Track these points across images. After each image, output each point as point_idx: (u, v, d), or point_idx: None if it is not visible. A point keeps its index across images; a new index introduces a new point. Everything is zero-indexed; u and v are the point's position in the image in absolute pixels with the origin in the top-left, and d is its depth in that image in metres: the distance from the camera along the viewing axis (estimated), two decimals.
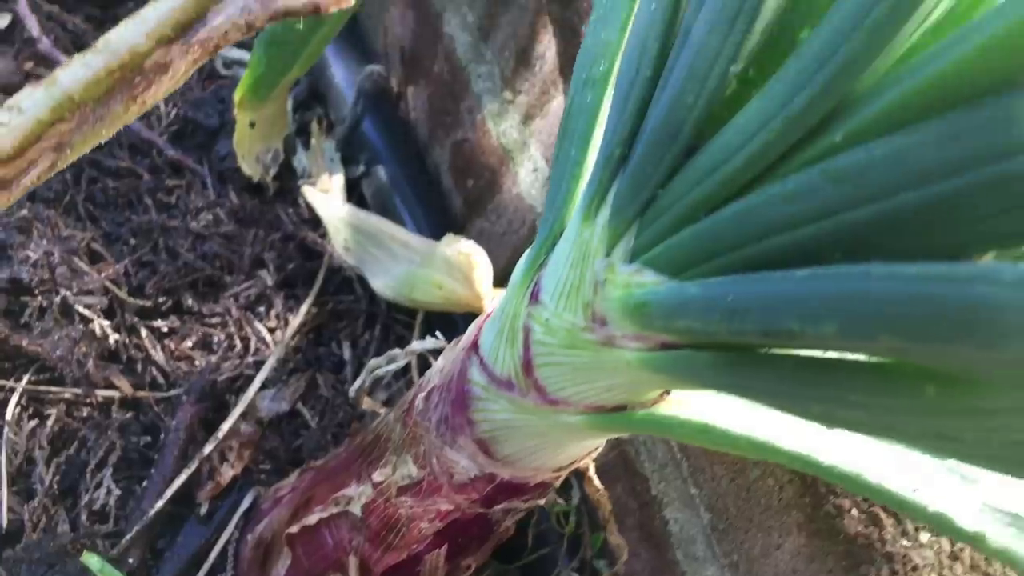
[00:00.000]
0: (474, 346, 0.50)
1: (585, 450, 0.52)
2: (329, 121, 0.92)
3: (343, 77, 0.91)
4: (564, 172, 0.46)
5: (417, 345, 0.59)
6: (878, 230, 0.33)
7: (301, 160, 0.88)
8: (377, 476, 0.57)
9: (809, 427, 0.41)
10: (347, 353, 0.80)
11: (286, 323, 0.79)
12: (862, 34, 0.31)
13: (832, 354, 0.35)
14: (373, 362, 0.63)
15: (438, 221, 0.85)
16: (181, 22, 0.47)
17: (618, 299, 0.41)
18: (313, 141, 0.88)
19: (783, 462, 0.42)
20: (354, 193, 0.88)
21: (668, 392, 0.47)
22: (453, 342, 0.56)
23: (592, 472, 0.58)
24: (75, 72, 0.46)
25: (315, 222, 0.85)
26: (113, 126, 0.48)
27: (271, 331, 0.78)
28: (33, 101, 0.46)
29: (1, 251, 0.70)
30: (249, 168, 0.83)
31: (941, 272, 0.29)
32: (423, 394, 0.54)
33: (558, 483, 0.56)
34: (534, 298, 0.45)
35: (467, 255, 0.65)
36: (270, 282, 0.80)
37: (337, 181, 0.86)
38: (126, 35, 0.46)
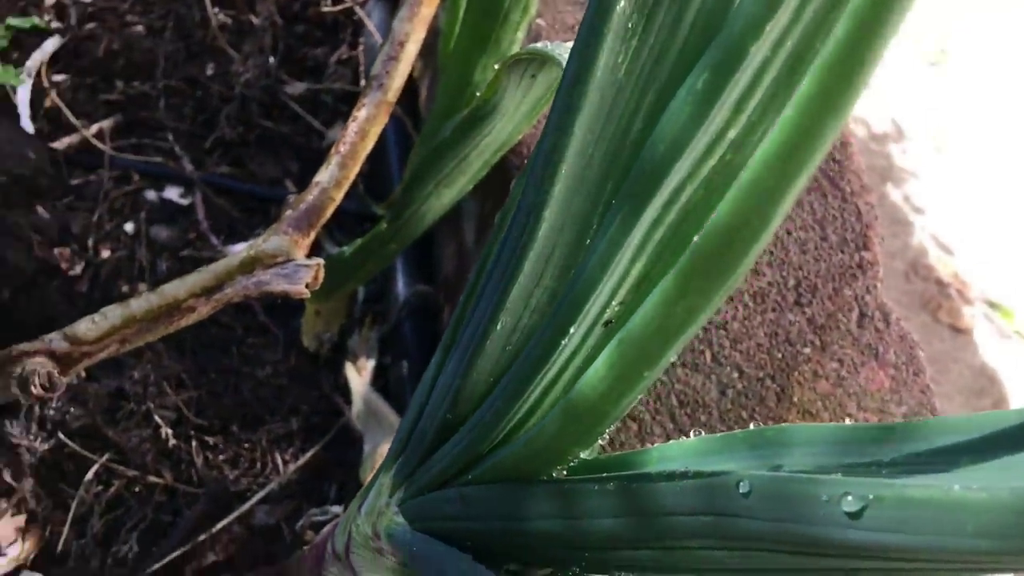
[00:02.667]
0: (336, 526, 0.72)
1: None
2: (384, 317, 1.18)
3: (402, 287, 1.18)
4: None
5: (334, 508, 0.82)
6: (492, 534, 0.53)
7: (353, 342, 1.14)
8: None
9: None
10: (332, 493, 1.03)
11: (297, 459, 1.03)
12: (479, 428, 0.52)
13: None
14: (312, 510, 0.86)
15: None
16: (206, 287, 0.73)
17: (385, 527, 0.62)
18: (364, 330, 1.14)
19: None
20: (381, 377, 1.13)
21: None
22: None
23: None
24: (139, 304, 0.73)
25: (345, 390, 1.10)
26: (156, 335, 0.75)
27: (284, 463, 1.03)
28: (113, 314, 0.73)
29: (119, 368, 0.99)
30: (308, 342, 1.09)
31: None
32: (309, 547, 0.76)
33: None
34: (359, 509, 0.67)
35: (383, 456, 0.87)
36: (296, 427, 1.05)
37: (370, 365, 1.11)
38: (173, 290, 0.73)
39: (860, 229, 1.02)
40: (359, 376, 1.09)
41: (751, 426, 0.87)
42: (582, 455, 0.45)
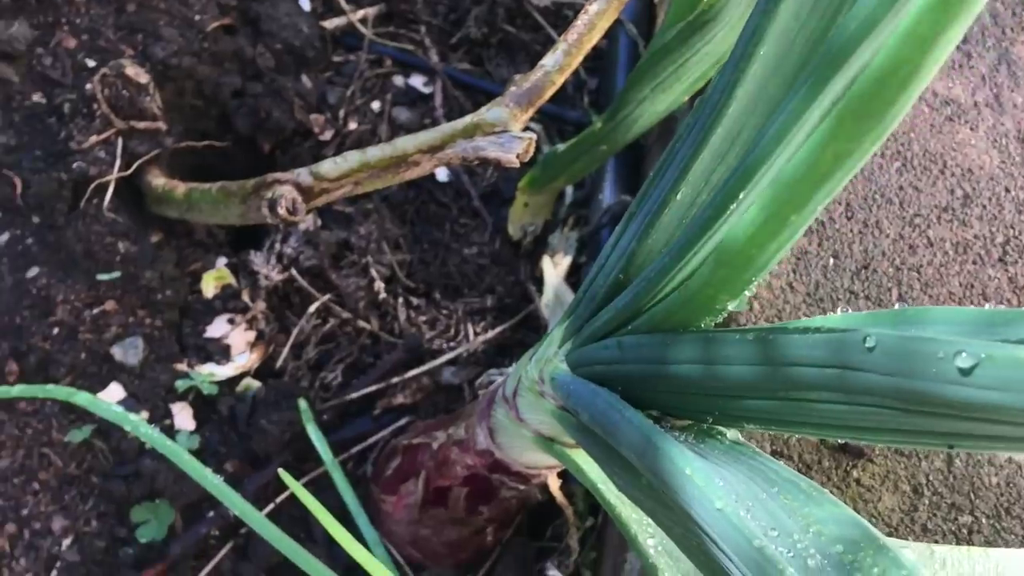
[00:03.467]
0: (508, 376, 0.80)
1: (544, 462, 0.79)
2: (586, 220, 1.24)
3: (608, 194, 1.23)
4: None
5: (509, 370, 0.89)
6: (641, 378, 0.58)
7: (554, 239, 1.21)
8: (450, 431, 0.89)
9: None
10: (512, 368, 1.11)
11: (486, 332, 1.12)
12: (644, 283, 0.57)
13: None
14: (491, 371, 0.94)
15: None
16: (432, 146, 0.81)
17: (550, 372, 0.68)
18: (565, 229, 1.20)
19: (595, 493, 0.67)
20: (575, 274, 1.19)
21: None
22: None
23: (554, 485, 0.85)
24: (374, 152, 0.82)
25: (539, 280, 1.17)
26: (385, 183, 0.84)
27: (476, 334, 1.12)
28: (352, 158, 0.83)
29: (347, 222, 1.11)
30: (513, 231, 1.17)
31: (646, 428, 0.54)
32: (483, 392, 0.84)
33: (535, 480, 0.83)
34: (531, 358, 0.74)
35: None
36: (490, 304, 1.14)
37: (566, 261, 1.18)
38: (404, 144, 0.82)
39: None
40: (554, 270, 1.16)
41: None
42: (730, 306, 0.49)
